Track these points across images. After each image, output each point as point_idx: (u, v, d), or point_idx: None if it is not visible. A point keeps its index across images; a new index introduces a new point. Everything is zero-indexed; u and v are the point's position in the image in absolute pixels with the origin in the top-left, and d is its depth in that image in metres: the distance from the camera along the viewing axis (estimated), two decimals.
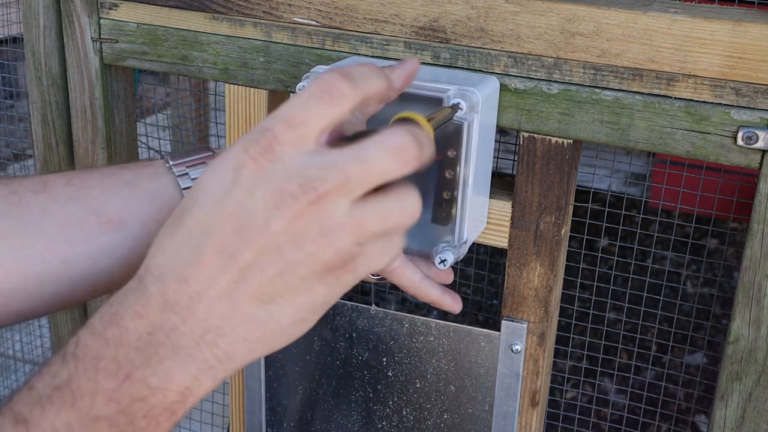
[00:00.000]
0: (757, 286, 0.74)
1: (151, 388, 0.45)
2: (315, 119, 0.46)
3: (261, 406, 0.95)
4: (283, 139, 0.45)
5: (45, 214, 0.59)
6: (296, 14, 0.82)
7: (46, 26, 0.95)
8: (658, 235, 2.62)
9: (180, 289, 0.45)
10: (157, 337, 0.45)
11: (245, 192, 0.45)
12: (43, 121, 1.00)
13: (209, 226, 0.45)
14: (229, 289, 0.45)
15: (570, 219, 0.82)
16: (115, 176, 0.62)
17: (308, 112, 0.46)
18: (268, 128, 0.46)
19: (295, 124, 0.45)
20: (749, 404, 0.77)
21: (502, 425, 0.85)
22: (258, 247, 0.45)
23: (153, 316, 0.45)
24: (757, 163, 0.71)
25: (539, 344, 0.82)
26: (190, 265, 0.46)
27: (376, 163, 0.45)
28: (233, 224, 0.45)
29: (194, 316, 0.45)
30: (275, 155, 0.45)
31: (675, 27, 0.70)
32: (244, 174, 0.45)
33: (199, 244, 0.46)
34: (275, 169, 0.45)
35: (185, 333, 0.45)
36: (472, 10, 0.75)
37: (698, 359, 2.35)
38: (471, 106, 0.67)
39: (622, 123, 0.74)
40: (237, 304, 0.46)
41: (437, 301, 0.68)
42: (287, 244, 0.45)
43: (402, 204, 0.47)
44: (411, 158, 0.46)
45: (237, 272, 0.45)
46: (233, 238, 0.45)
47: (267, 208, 0.44)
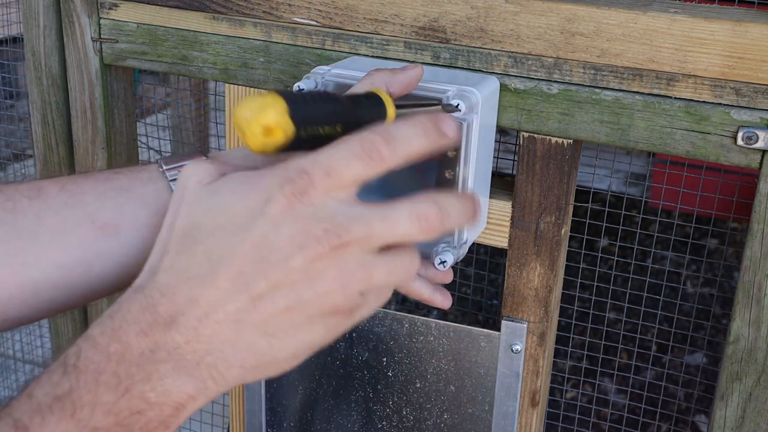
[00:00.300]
0: (757, 286, 0.74)
1: (150, 403, 0.46)
2: (352, 175, 0.48)
3: (261, 406, 0.95)
4: (318, 185, 0.47)
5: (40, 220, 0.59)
6: (296, 14, 0.82)
7: (46, 26, 0.95)
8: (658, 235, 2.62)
9: (188, 309, 0.46)
10: (159, 355, 0.46)
11: (272, 226, 0.46)
12: (43, 121, 1.00)
13: (230, 250, 0.46)
14: (237, 315, 0.46)
15: (570, 219, 0.82)
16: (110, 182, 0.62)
17: (347, 168, 0.48)
18: (306, 171, 0.47)
19: (332, 175, 0.47)
20: (749, 404, 0.77)
21: (502, 425, 0.85)
22: (274, 280, 0.46)
23: (157, 335, 0.46)
24: (757, 163, 0.71)
25: (539, 344, 0.82)
26: (203, 286, 0.46)
27: (401, 226, 0.48)
28: (255, 254, 0.46)
29: (199, 337, 0.46)
30: (308, 198, 0.47)
31: (675, 27, 0.70)
32: (274, 208, 0.47)
33: (215, 266, 0.46)
34: (305, 211, 0.47)
35: (187, 353, 0.46)
36: (472, 10, 0.75)
37: (698, 359, 2.35)
38: (470, 107, 0.67)
39: (622, 123, 0.74)
40: (242, 332, 0.47)
41: (428, 299, 0.70)
42: (302, 282, 0.47)
43: (406, 263, 0.50)
44: (432, 228, 0.49)
45: (248, 301, 0.46)
46: (252, 267, 0.46)
47: (291, 244, 0.46)
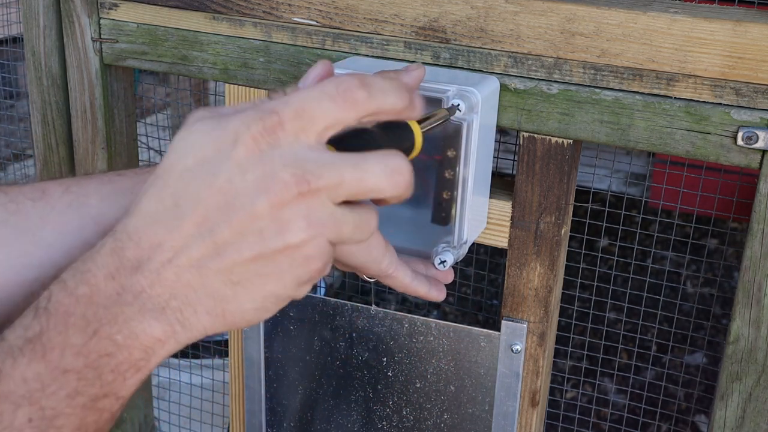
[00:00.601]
0: (757, 286, 0.74)
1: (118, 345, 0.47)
2: (323, 117, 0.46)
3: (261, 406, 0.95)
4: (288, 126, 0.46)
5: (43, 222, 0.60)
6: (296, 14, 0.82)
7: (46, 26, 0.95)
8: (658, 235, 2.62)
9: (153, 254, 0.46)
10: (124, 298, 0.47)
11: (238, 170, 0.45)
12: (43, 121, 1.00)
13: (195, 194, 0.46)
14: (201, 261, 0.46)
15: (570, 219, 0.82)
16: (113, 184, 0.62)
17: (319, 108, 0.46)
18: (275, 110, 0.46)
19: (303, 116, 0.46)
20: (749, 404, 0.77)
21: (502, 425, 0.85)
22: (239, 226, 0.45)
23: (123, 278, 0.46)
24: (757, 163, 0.71)
25: (539, 344, 0.82)
26: (167, 231, 0.46)
27: (372, 177, 0.46)
28: (219, 199, 0.45)
29: (162, 281, 0.47)
30: (276, 140, 0.45)
31: (675, 27, 0.70)
32: (240, 150, 0.45)
33: (180, 210, 0.46)
34: (272, 155, 0.45)
35: (152, 296, 0.47)
36: (472, 10, 0.75)
37: (698, 359, 2.35)
38: (470, 107, 0.67)
39: (622, 123, 0.74)
40: (205, 278, 0.47)
41: (425, 296, 0.69)
42: (269, 230, 0.45)
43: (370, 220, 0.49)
44: (402, 185, 0.47)
45: (212, 246, 0.46)
46: (216, 213, 0.45)
47: (256, 189, 0.45)
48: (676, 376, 2.15)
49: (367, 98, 0.47)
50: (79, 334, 0.46)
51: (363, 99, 0.47)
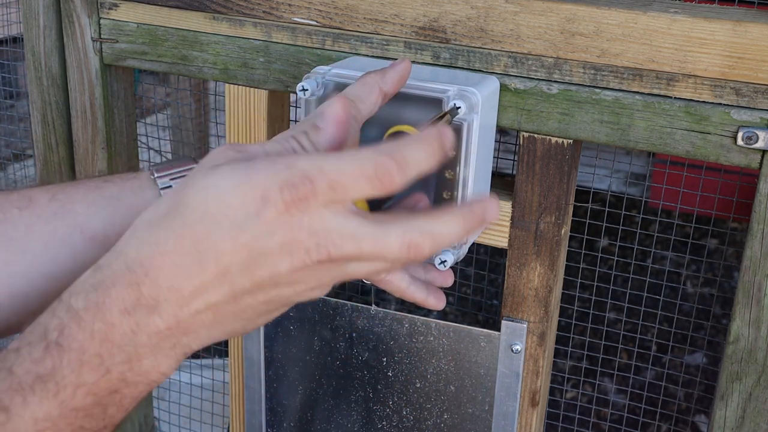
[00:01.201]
0: (757, 286, 0.74)
1: (127, 382, 0.48)
2: (357, 194, 0.48)
3: (261, 406, 0.95)
4: (320, 196, 0.46)
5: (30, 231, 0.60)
6: (296, 14, 0.82)
7: (46, 26, 0.95)
8: (658, 235, 2.62)
9: (171, 297, 0.47)
10: (140, 338, 0.47)
11: (266, 230, 0.46)
12: (43, 121, 1.00)
13: (219, 246, 0.46)
14: (217, 306, 0.48)
15: (570, 219, 0.82)
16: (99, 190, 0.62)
17: (354, 186, 0.47)
18: (311, 179, 0.46)
19: (337, 190, 0.47)
20: (749, 404, 0.77)
21: (502, 425, 0.85)
22: (259, 281, 0.47)
23: (140, 317, 0.47)
24: (757, 163, 0.71)
25: (539, 344, 0.82)
26: (187, 277, 0.47)
27: (390, 251, 0.48)
28: (243, 255, 0.46)
29: (179, 324, 0.47)
30: (307, 208, 0.46)
31: (675, 27, 0.70)
32: (271, 212, 0.46)
33: (204, 260, 0.46)
34: (301, 220, 0.46)
35: (166, 337, 0.47)
36: (472, 10, 0.75)
37: (698, 359, 2.35)
38: (470, 107, 0.67)
39: (622, 123, 0.74)
40: (219, 318, 0.48)
41: (422, 302, 0.69)
42: (284, 285, 0.48)
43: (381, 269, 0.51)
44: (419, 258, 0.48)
45: (230, 295, 0.47)
46: (240, 268, 0.47)
47: (281, 252, 0.46)
48: (676, 376, 2.15)
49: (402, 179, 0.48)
50: (93, 373, 0.46)
51: (399, 180, 0.48)
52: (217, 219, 0.46)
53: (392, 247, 0.48)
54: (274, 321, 0.90)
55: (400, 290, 0.67)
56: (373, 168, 0.47)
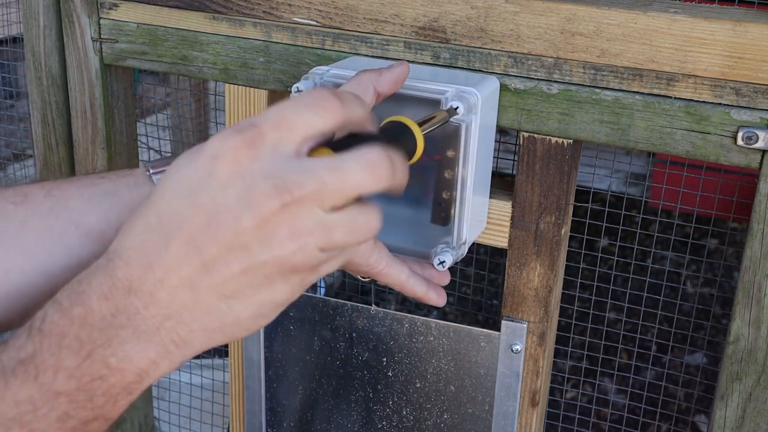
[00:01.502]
0: (757, 286, 0.74)
1: (111, 368, 0.47)
2: (303, 126, 0.47)
3: (261, 406, 0.95)
4: (267, 137, 0.46)
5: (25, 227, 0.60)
6: (296, 14, 0.82)
7: (46, 26, 0.95)
8: (658, 235, 2.63)
9: (145, 274, 0.46)
10: (119, 320, 0.47)
11: (219, 186, 0.45)
12: (43, 121, 1.00)
13: (180, 215, 0.46)
14: (192, 280, 0.46)
15: (570, 219, 0.82)
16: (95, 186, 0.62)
17: (298, 118, 0.46)
18: (254, 124, 0.46)
19: (282, 126, 0.46)
20: (749, 404, 0.77)
21: (502, 425, 0.85)
22: (225, 242, 0.45)
23: (117, 299, 0.47)
24: (757, 163, 0.71)
25: (539, 344, 0.82)
26: (156, 252, 0.46)
27: (352, 175, 0.46)
28: (203, 217, 0.46)
29: (156, 302, 0.47)
30: (256, 152, 0.46)
31: (675, 27, 0.70)
32: (220, 167, 0.46)
33: (168, 232, 0.46)
34: (252, 168, 0.45)
35: (146, 318, 0.47)
36: (472, 10, 0.75)
37: (698, 359, 2.35)
38: (469, 108, 0.67)
39: (622, 123, 0.74)
40: (198, 296, 0.47)
41: (423, 297, 0.69)
42: (255, 243, 0.46)
43: (368, 221, 0.48)
44: (384, 176, 0.47)
45: (201, 265, 0.46)
46: (202, 231, 0.46)
47: (239, 204, 0.45)
48: (676, 376, 2.15)
49: (342, 106, 0.48)
50: (73, 357, 0.46)
51: (339, 107, 0.48)
52: (175, 191, 0.47)
53: (353, 171, 0.46)
54: (273, 321, 0.90)
55: (400, 282, 0.66)
56: (311, 96, 0.47)
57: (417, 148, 0.57)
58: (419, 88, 0.68)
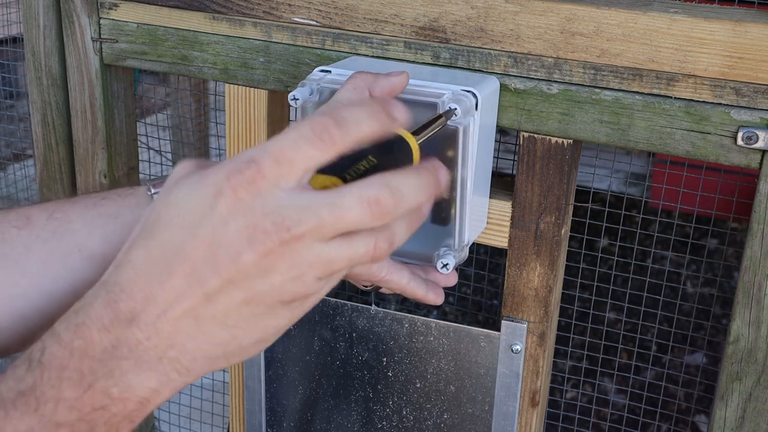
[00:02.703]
0: (757, 286, 0.74)
1: (112, 398, 0.47)
2: (302, 160, 0.46)
3: (261, 406, 0.95)
4: (267, 174, 0.46)
5: (28, 251, 0.60)
6: (296, 14, 0.82)
7: (46, 26, 0.95)
8: (658, 235, 2.62)
9: (147, 306, 0.47)
10: (120, 351, 0.47)
11: (221, 222, 0.46)
12: (43, 121, 1.00)
13: (182, 247, 0.46)
14: (194, 311, 0.47)
15: (570, 219, 0.82)
16: (97, 208, 0.62)
17: (297, 153, 0.46)
18: (254, 160, 0.46)
19: (282, 162, 0.46)
20: (749, 404, 0.77)
21: (502, 425, 0.85)
22: (227, 275, 0.46)
23: (119, 331, 0.47)
24: (757, 163, 0.71)
25: (539, 344, 0.82)
26: (159, 284, 0.47)
27: (350, 213, 0.46)
28: (205, 250, 0.46)
29: (159, 333, 0.47)
30: (256, 189, 0.46)
31: (675, 27, 0.70)
32: (222, 202, 0.46)
33: (169, 263, 0.47)
34: (254, 204, 0.46)
35: (149, 349, 0.47)
36: (472, 10, 0.75)
37: (698, 359, 2.35)
38: (466, 110, 0.67)
39: (622, 123, 0.74)
40: (201, 326, 0.47)
41: (422, 298, 0.69)
42: (256, 276, 0.46)
43: (365, 248, 0.48)
44: (384, 213, 0.47)
45: (203, 296, 0.46)
46: (204, 264, 0.46)
47: (240, 240, 0.46)
48: (676, 376, 2.15)
49: (344, 135, 0.47)
50: (74, 388, 0.46)
51: (340, 137, 0.47)
52: (178, 224, 0.47)
53: (352, 208, 0.46)
54: None
55: (401, 287, 0.67)
56: (310, 128, 0.47)
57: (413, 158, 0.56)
58: (415, 92, 0.67)
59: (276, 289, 0.47)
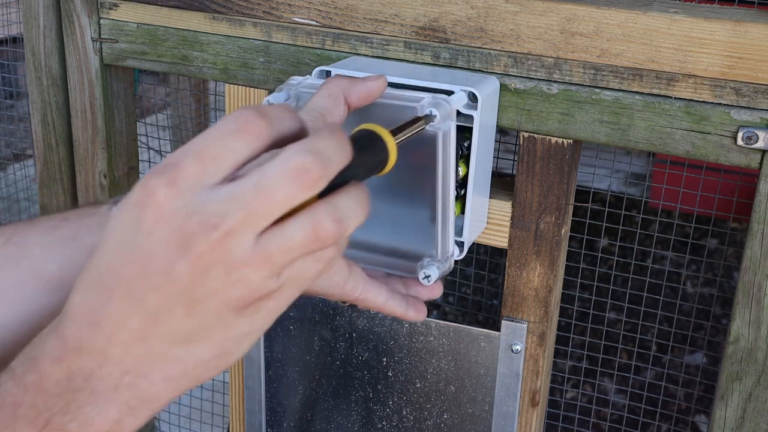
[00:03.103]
0: (757, 286, 0.74)
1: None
2: (227, 154, 0.43)
3: (261, 406, 0.95)
4: (187, 174, 0.43)
5: None
6: (296, 14, 0.82)
7: (46, 26, 0.95)
8: (658, 235, 2.62)
9: (93, 333, 0.44)
10: (75, 383, 0.44)
11: (147, 233, 0.43)
12: (43, 121, 1.00)
13: (115, 269, 0.44)
14: (141, 332, 0.44)
15: (570, 219, 0.82)
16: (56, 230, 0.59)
17: (221, 147, 0.43)
18: (172, 163, 0.43)
19: (204, 158, 0.43)
20: (749, 404, 0.77)
21: (502, 425, 0.85)
22: (164, 290, 0.43)
23: (70, 361, 0.44)
24: (757, 163, 0.71)
25: (539, 344, 0.82)
26: (101, 308, 0.44)
27: (278, 191, 0.42)
28: (138, 268, 0.43)
29: (109, 359, 0.44)
30: (176, 191, 0.42)
31: (675, 27, 0.70)
32: (145, 213, 0.43)
33: (108, 287, 0.44)
34: (175, 206, 0.42)
35: (102, 377, 0.44)
36: (472, 10, 0.75)
37: (698, 359, 2.35)
38: (445, 115, 0.63)
39: (622, 123, 0.74)
40: (152, 346, 0.44)
41: (402, 316, 0.65)
42: (193, 285, 0.43)
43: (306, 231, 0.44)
44: (315, 180, 0.43)
45: (146, 315, 0.44)
46: (139, 282, 0.43)
47: (168, 250, 0.42)
48: (676, 376, 2.15)
49: (268, 127, 0.45)
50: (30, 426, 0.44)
51: (265, 128, 0.44)
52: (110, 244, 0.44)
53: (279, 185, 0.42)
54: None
55: (378, 306, 0.62)
56: (234, 120, 0.44)
57: (389, 157, 0.53)
58: (394, 96, 0.63)
59: (218, 296, 0.43)
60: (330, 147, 0.44)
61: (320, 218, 0.44)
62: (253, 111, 0.44)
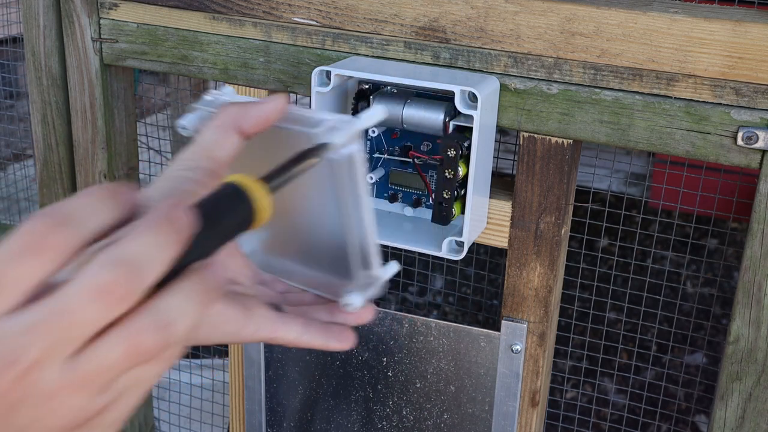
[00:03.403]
0: (757, 286, 0.74)
1: None
2: (17, 279, 0.37)
3: (261, 406, 0.95)
4: None
5: None
6: (296, 14, 0.82)
7: (46, 26, 0.95)
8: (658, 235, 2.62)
9: None
10: None
11: None
12: (43, 121, 1.00)
13: None
14: None
15: (570, 219, 0.82)
16: None
17: (10, 271, 0.37)
18: None
19: None
20: (749, 404, 0.77)
21: (502, 425, 0.85)
22: None
23: None
24: (757, 163, 0.71)
25: (539, 344, 0.82)
26: None
27: (80, 315, 0.37)
28: None
29: None
30: None
31: (675, 27, 0.70)
32: None
33: None
34: None
35: None
36: (472, 10, 0.75)
37: (698, 359, 2.35)
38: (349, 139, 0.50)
39: (622, 123, 0.74)
40: None
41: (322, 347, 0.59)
42: (4, 425, 0.38)
43: (126, 346, 0.38)
44: (122, 297, 0.37)
45: None
46: None
47: None
48: (676, 376, 2.15)
49: (69, 235, 0.38)
50: None
51: (63, 239, 0.38)
52: None
53: (82, 308, 0.37)
54: None
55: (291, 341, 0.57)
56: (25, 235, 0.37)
57: (255, 215, 0.44)
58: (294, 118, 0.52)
59: (37, 428, 0.38)
60: (145, 250, 0.38)
61: (139, 329, 0.38)
62: (50, 220, 0.38)
